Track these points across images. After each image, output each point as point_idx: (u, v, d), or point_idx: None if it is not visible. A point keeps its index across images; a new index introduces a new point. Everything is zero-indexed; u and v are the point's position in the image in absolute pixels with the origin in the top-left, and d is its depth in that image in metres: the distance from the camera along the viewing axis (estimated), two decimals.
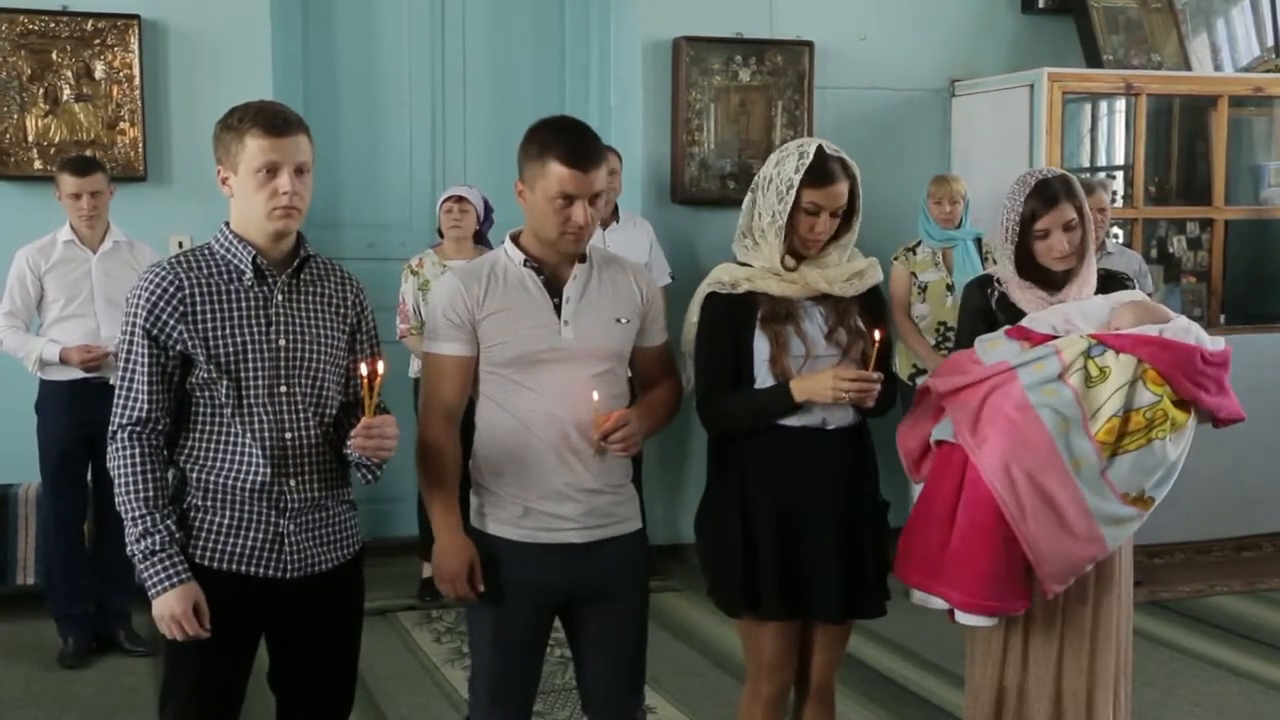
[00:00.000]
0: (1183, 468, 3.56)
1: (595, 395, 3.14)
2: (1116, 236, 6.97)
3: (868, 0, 7.20)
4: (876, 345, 3.35)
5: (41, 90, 6.12)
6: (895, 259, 6.50)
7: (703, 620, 5.76)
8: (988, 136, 7.06)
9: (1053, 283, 3.63)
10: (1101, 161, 7.80)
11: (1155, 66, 7.23)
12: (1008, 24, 7.46)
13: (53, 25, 6.12)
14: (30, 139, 6.10)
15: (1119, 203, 7.09)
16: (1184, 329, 3.50)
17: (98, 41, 6.16)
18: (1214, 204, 7.22)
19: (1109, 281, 3.73)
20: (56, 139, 6.13)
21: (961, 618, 3.50)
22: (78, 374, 5.27)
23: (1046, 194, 3.57)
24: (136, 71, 6.20)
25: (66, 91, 6.15)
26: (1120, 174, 7.45)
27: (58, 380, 5.34)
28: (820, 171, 3.35)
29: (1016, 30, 7.45)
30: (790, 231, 3.37)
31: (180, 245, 5.91)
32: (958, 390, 3.48)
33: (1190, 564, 6.89)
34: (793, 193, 3.34)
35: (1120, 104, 7.33)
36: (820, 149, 3.38)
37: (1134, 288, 3.76)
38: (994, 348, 3.54)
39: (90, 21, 6.15)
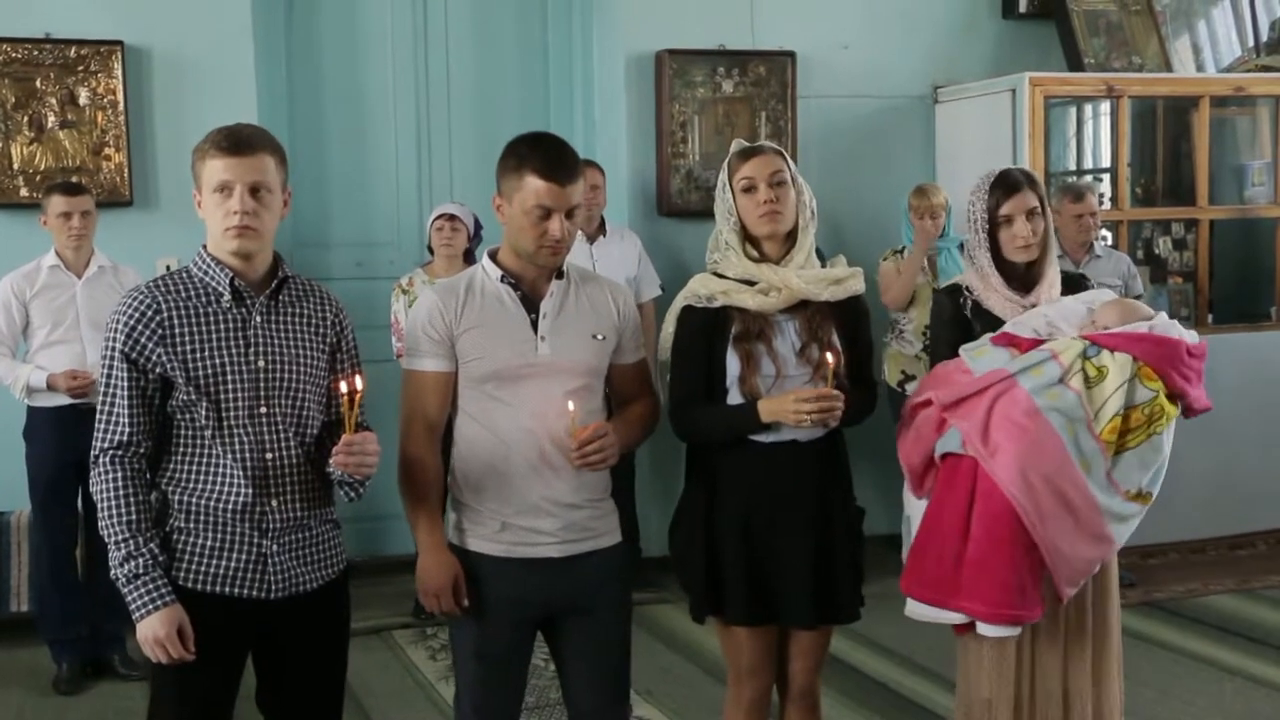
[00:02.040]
0: (1175, 467, 3.60)
1: (571, 406, 3.15)
2: (1105, 238, 6.99)
3: (849, 9, 7.22)
4: (833, 366, 3.33)
5: (26, 118, 6.13)
6: (884, 259, 6.51)
7: (695, 631, 5.71)
8: (971, 142, 7.08)
9: (1023, 285, 3.65)
10: (1088, 164, 7.82)
11: (1137, 69, 7.26)
12: (989, 30, 7.48)
13: (36, 53, 6.13)
14: (16, 167, 6.12)
15: (1106, 205, 7.11)
16: (1168, 324, 3.55)
17: (81, 68, 6.17)
18: (1198, 204, 7.23)
19: (1071, 283, 3.76)
20: (42, 166, 6.15)
21: (984, 629, 3.46)
22: (65, 400, 5.27)
23: (1008, 181, 3.63)
24: (121, 97, 6.22)
25: (51, 119, 6.17)
26: (1106, 176, 7.48)
27: (45, 407, 5.35)
28: (744, 151, 3.49)
29: (998, 36, 7.47)
30: (743, 225, 3.44)
31: (168, 268, 5.92)
32: (960, 401, 3.46)
33: (1184, 563, 6.89)
34: (727, 185, 3.44)
35: (1105, 107, 7.35)
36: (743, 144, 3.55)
37: (1093, 287, 3.80)
38: (982, 356, 3.54)
39: (74, 48, 6.16)
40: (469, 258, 6.21)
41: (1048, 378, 3.41)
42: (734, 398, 3.42)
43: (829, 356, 3.34)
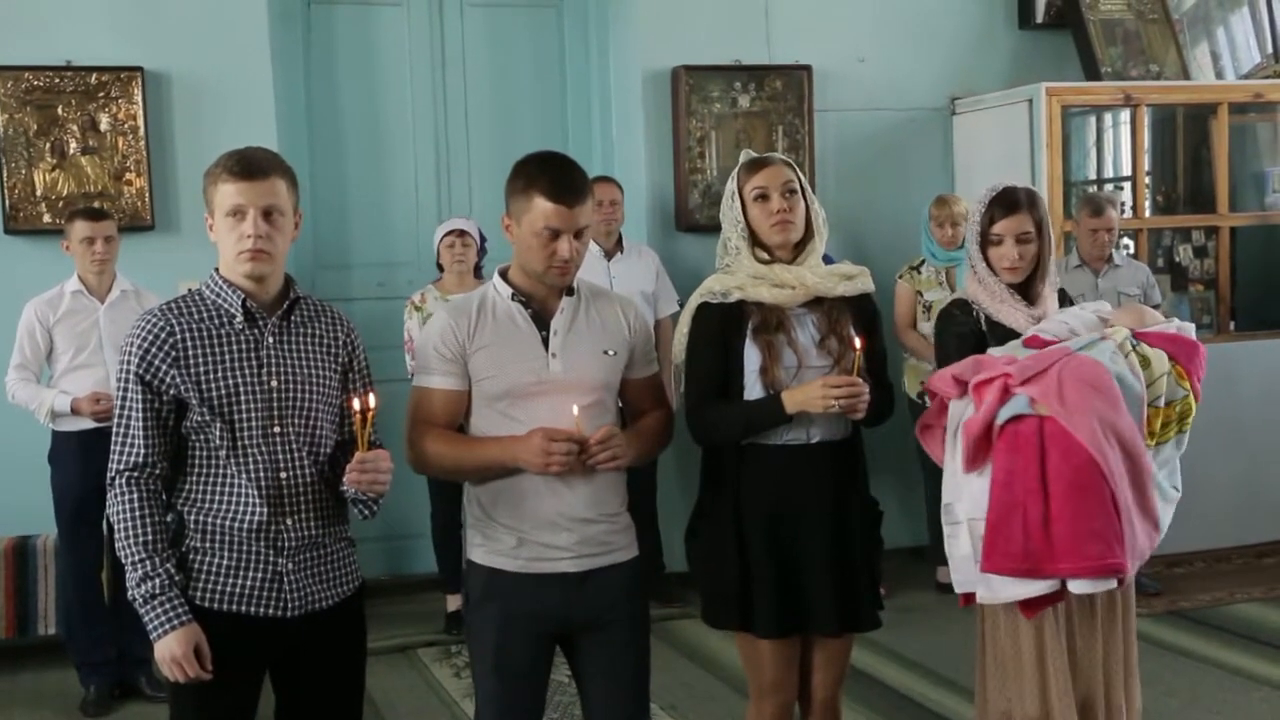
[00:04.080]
0: (1201, 474, 3.61)
1: (575, 409, 3.15)
2: (1126, 248, 6.98)
3: (865, 22, 7.23)
4: (859, 352, 3.37)
5: (48, 145, 6.19)
6: (900, 277, 6.53)
7: (720, 645, 5.76)
8: (989, 153, 7.08)
9: (1029, 297, 3.66)
10: (1107, 173, 7.81)
11: (1154, 77, 7.24)
12: (1006, 40, 7.48)
13: (57, 80, 6.19)
14: (38, 193, 6.17)
15: (1126, 213, 7.10)
16: (1187, 326, 3.58)
17: (102, 94, 6.23)
18: (1219, 211, 7.21)
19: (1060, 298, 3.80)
20: (65, 192, 6.20)
21: (1078, 587, 3.34)
22: (89, 424, 5.31)
23: (1006, 201, 3.64)
24: (141, 122, 6.27)
25: (73, 145, 6.22)
26: (1126, 185, 7.47)
27: (69, 431, 5.39)
28: (753, 162, 3.53)
29: (1014, 46, 7.47)
30: (753, 233, 3.48)
31: (189, 291, 5.96)
32: (1031, 378, 3.40)
33: (1210, 572, 6.86)
34: (736, 195, 3.49)
35: (1123, 115, 7.34)
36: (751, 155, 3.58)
37: (1074, 302, 3.84)
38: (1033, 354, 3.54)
39: (94, 75, 6.22)
40: (477, 272, 6.24)
41: (1107, 348, 3.41)
42: (753, 391, 3.44)
43: (857, 341, 3.37)
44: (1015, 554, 3.35)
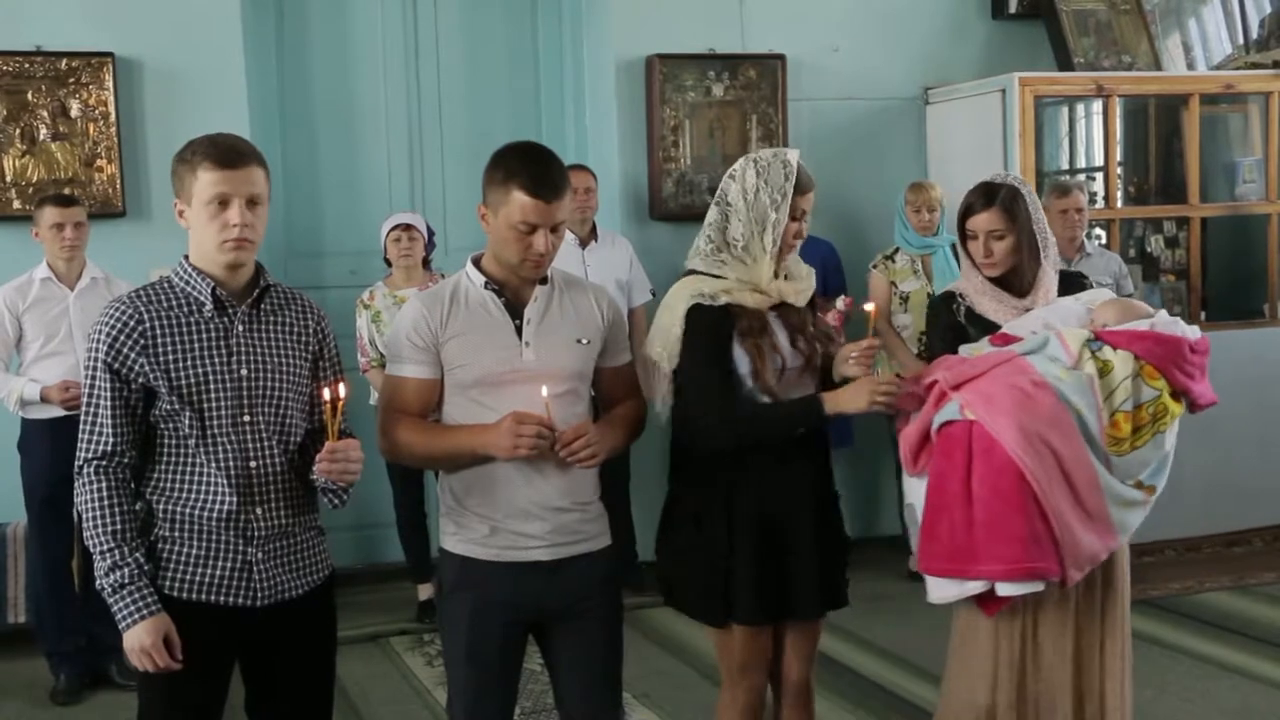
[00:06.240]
0: (1172, 464, 3.59)
1: (544, 391, 3.14)
2: (1099, 238, 7.00)
3: (839, 12, 7.23)
4: (874, 315, 3.61)
5: (18, 130, 6.14)
6: (874, 267, 6.54)
7: (693, 634, 5.76)
8: (962, 143, 7.09)
9: (1014, 289, 3.65)
10: (1080, 164, 7.82)
11: (1127, 67, 7.26)
12: (979, 30, 7.48)
13: (27, 65, 6.14)
14: (8, 179, 6.12)
15: (1098, 204, 7.12)
16: (1171, 322, 3.53)
17: (72, 80, 6.18)
18: (1190, 202, 7.24)
19: (1069, 282, 3.74)
20: (35, 178, 6.15)
21: (1004, 590, 3.37)
22: (59, 412, 5.27)
23: (979, 197, 3.64)
24: (112, 109, 6.22)
25: (43, 131, 6.17)
26: (1098, 175, 7.49)
27: (39, 419, 5.36)
28: (805, 178, 3.49)
29: (988, 36, 7.48)
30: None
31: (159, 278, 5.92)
32: (967, 381, 3.43)
33: (1181, 561, 6.89)
34: (788, 200, 3.42)
35: (1096, 106, 7.36)
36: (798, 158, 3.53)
37: (1092, 286, 3.79)
38: (980, 354, 3.55)
39: (65, 61, 6.17)
40: (426, 266, 6.21)
41: (1053, 354, 3.40)
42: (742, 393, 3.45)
43: (867, 306, 3.56)
44: (943, 555, 3.42)
